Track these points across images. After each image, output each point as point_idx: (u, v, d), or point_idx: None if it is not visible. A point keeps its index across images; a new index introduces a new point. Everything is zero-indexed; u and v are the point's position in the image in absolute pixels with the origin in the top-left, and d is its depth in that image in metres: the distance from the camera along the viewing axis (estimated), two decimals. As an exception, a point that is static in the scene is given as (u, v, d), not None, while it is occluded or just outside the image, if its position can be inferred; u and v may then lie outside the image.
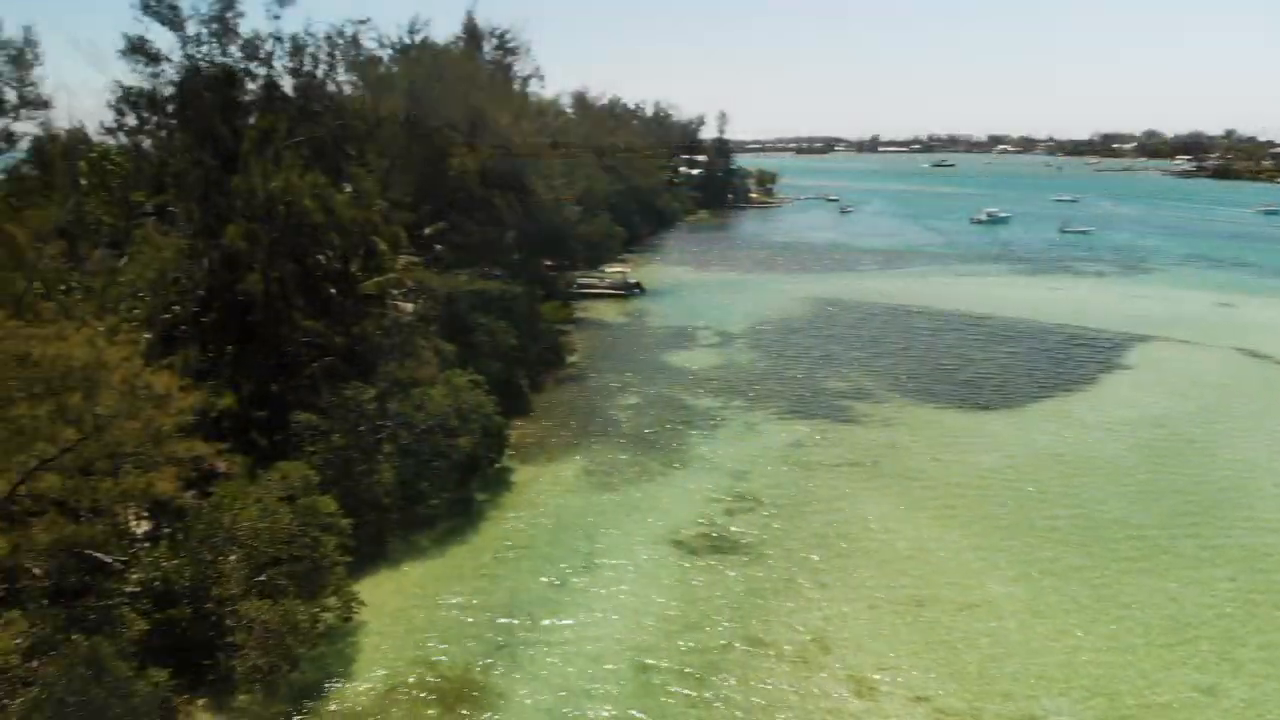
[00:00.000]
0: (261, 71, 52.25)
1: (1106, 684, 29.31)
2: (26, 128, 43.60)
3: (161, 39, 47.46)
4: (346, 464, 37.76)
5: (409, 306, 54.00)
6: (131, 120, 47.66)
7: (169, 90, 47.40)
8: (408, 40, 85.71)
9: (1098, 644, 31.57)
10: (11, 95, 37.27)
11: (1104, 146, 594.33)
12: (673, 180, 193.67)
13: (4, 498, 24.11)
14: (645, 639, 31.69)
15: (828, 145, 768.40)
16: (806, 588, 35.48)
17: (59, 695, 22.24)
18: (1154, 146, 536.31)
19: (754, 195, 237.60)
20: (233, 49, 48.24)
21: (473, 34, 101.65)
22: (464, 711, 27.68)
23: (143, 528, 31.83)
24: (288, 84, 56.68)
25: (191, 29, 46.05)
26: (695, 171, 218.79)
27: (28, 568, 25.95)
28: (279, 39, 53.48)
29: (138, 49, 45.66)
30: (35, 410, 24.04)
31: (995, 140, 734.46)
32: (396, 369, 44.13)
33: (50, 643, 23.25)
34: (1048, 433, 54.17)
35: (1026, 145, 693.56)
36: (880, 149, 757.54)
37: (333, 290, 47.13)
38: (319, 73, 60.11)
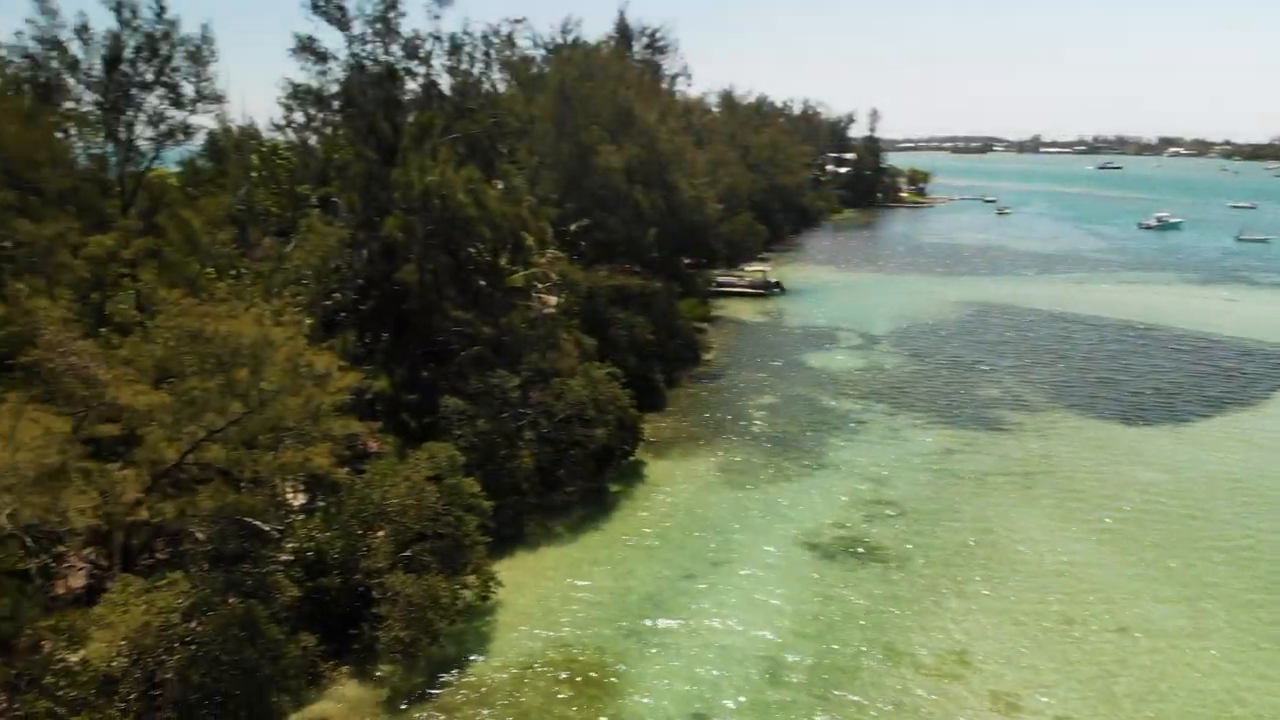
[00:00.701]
0: (421, 70, 54.51)
1: (1271, 723, 27.04)
2: (202, 121, 46.86)
3: (328, 38, 50.11)
4: (490, 448, 38.80)
5: (552, 300, 55.13)
6: (299, 117, 50.48)
7: (334, 88, 49.96)
8: (560, 40, 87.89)
9: (1258, 681, 29.12)
10: (189, 90, 39.95)
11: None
12: (819, 178, 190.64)
13: (173, 465, 25.91)
14: (776, 639, 31.23)
15: (985, 145, 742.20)
16: (948, 599, 34.16)
17: (215, 654, 23.69)
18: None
19: (905, 194, 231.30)
20: (394, 48, 50.44)
21: (624, 33, 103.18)
22: (594, 694, 27.99)
23: (299, 500, 33.55)
24: (445, 82, 58.95)
25: (357, 28, 48.40)
26: (843, 170, 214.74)
27: (192, 532, 27.76)
28: (438, 38, 55.70)
29: (306, 48, 48.32)
30: (206, 384, 25.78)
31: (1166, 142, 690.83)
32: (539, 359, 45.17)
33: (209, 604, 24.76)
34: (1215, 451, 50.42)
35: (1200, 148, 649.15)
36: (1042, 150, 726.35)
37: (482, 282, 48.59)
38: (475, 71, 62.21)
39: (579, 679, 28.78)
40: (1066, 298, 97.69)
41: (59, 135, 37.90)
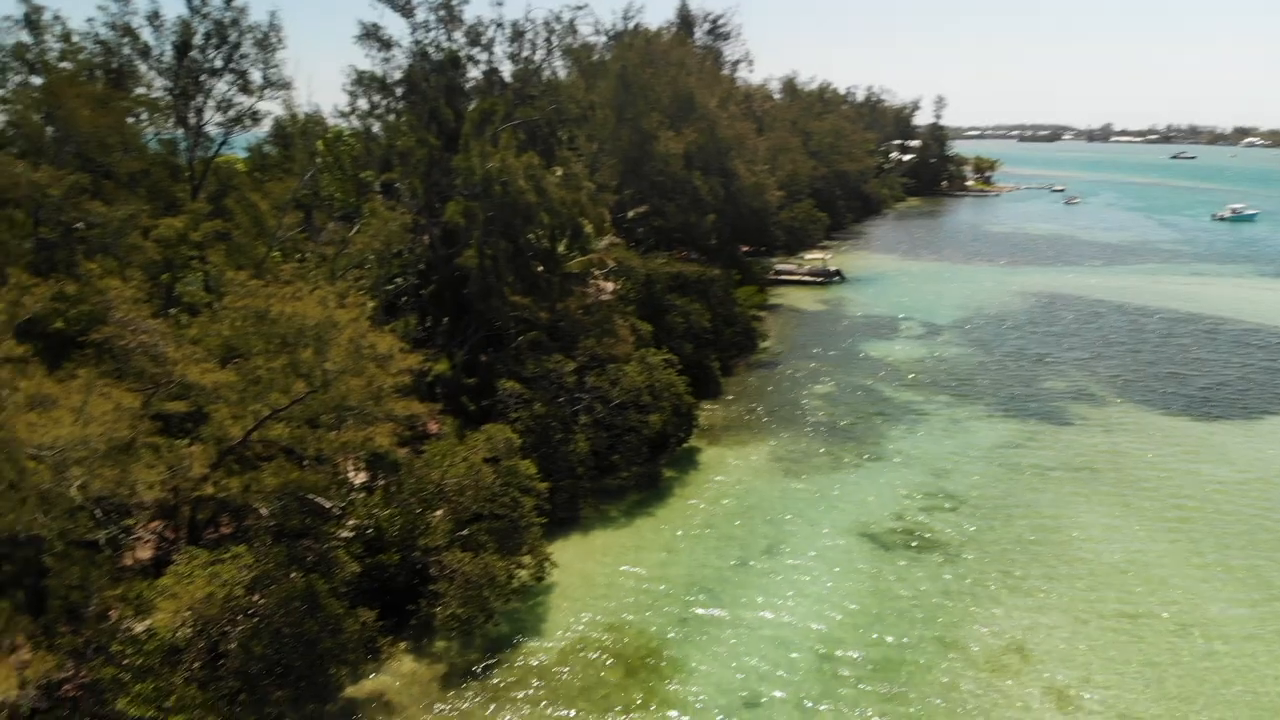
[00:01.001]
0: (483, 57, 54.87)
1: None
2: (269, 107, 47.63)
3: (393, 26, 50.71)
4: (545, 432, 39.12)
5: (609, 286, 55.19)
6: (363, 103, 51.15)
7: (398, 75, 50.54)
8: (622, 26, 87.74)
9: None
10: (257, 76, 40.63)
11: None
12: (882, 166, 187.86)
13: (239, 442, 26.53)
14: (828, 629, 31.02)
15: (1054, 133, 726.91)
16: (1006, 594, 33.57)
17: (276, 626, 24.32)
18: None
19: (970, 183, 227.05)
20: (457, 35, 50.85)
21: (685, 19, 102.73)
22: (644, 678, 28.10)
23: (360, 478, 34.19)
24: (507, 69, 59.22)
25: (420, 16, 48.87)
26: (907, 158, 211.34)
27: (256, 508, 28.43)
28: (500, 25, 55.93)
29: (371, 35, 48.91)
30: (271, 364, 26.33)
31: (1242, 132, 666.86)
32: (595, 345, 45.27)
33: (272, 578, 25.38)
34: (1287, 449, 48.74)
35: (1277, 138, 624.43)
36: (1112, 138, 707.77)
37: (540, 268, 48.82)
38: (536, 58, 62.37)
39: (630, 662, 28.93)
40: (1135, 289, 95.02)
41: (130, 120, 38.78)
